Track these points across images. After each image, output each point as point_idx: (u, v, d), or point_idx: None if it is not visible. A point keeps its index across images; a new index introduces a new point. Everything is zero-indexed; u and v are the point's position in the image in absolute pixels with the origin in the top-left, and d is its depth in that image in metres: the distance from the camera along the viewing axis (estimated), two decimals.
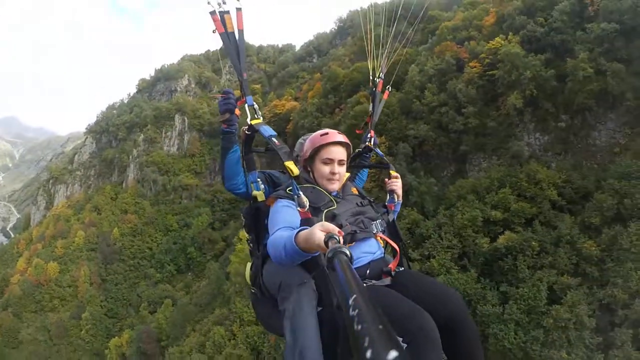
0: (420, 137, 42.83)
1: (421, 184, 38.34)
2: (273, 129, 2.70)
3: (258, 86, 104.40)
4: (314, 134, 2.92)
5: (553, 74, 36.52)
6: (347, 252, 1.40)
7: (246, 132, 2.86)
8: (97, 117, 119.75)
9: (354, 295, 0.96)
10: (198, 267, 71.76)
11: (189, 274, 72.61)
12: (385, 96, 4.30)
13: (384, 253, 2.80)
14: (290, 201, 2.52)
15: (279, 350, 32.13)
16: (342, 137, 2.80)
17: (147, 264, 77.89)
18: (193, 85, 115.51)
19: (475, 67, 42.89)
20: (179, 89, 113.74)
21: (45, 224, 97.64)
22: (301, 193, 2.36)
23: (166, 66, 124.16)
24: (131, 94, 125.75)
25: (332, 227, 1.83)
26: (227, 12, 2.89)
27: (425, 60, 49.00)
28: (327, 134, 2.82)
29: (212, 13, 2.88)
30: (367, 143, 3.87)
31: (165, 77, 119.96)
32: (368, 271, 2.60)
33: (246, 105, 2.89)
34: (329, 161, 2.76)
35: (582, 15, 38.92)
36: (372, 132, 3.94)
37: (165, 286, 69.60)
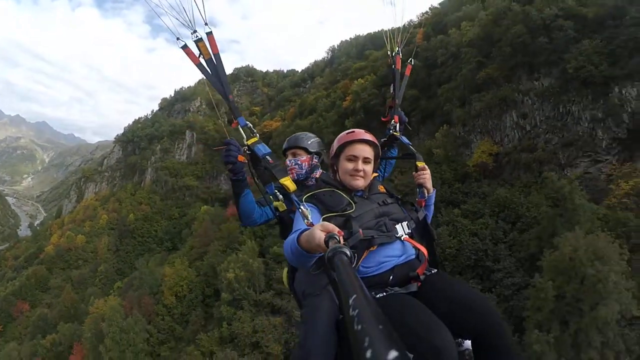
0: None
1: None
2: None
3: (258, 108, 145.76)
4: (341, 133, 3.16)
5: (377, 102, 67.59)
6: (348, 252, 1.60)
7: (247, 152, 3.27)
8: (125, 129, 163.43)
9: (354, 295, 1.06)
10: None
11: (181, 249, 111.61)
12: (407, 72, 4.54)
13: (416, 255, 2.87)
14: (311, 205, 2.85)
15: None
16: (368, 136, 3.06)
17: (151, 241, 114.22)
18: (204, 107, 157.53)
19: (346, 100, 79.97)
20: (192, 109, 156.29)
21: (76, 212, 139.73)
22: (302, 207, 2.67)
23: (184, 88, 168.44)
24: (154, 111, 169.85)
25: (332, 227, 2.03)
26: (200, 39, 3.20)
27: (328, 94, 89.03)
28: (353, 132, 3.10)
29: (184, 47, 3.21)
30: (391, 131, 4.04)
31: (182, 98, 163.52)
32: (391, 277, 2.72)
33: (240, 127, 3.28)
34: (354, 158, 3.00)
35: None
36: (397, 117, 4.11)
37: (161, 254, 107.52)
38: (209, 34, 3.20)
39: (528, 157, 46.29)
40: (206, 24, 3.14)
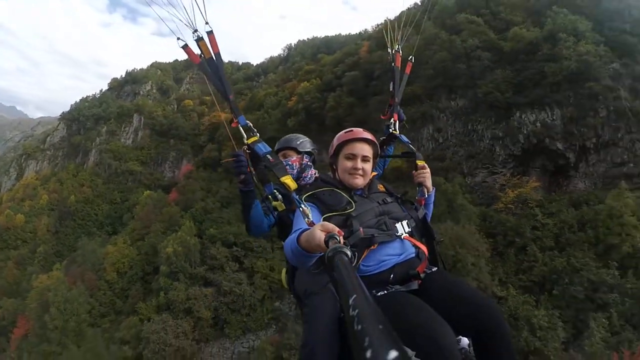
0: None
1: None
2: (268, 145, 3.45)
3: (209, 98, 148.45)
4: (340, 132, 3.33)
5: (318, 105, 75.55)
6: (348, 252, 1.67)
7: (247, 151, 3.50)
8: (71, 106, 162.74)
9: (354, 295, 1.09)
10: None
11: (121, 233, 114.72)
12: (407, 70, 4.70)
13: (416, 253, 3.01)
14: (311, 204, 2.98)
15: None
16: (366, 135, 3.21)
17: (92, 225, 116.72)
18: (154, 91, 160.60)
19: (291, 100, 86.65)
20: (142, 93, 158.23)
21: (15, 190, 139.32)
22: (303, 206, 2.81)
23: (136, 70, 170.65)
24: (103, 90, 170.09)
25: (332, 227, 2.11)
26: (201, 38, 3.37)
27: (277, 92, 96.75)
28: (351, 131, 3.26)
29: (185, 47, 3.41)
30: (390, 130, 4.27)
31: (133, 80, 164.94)
32: (392, 275, 2.84)
33: (240, 126, 3.51)
34: (352, 157, 3.15)
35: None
36: (396, 115, 4.32)
37: (102, 237, 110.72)
38: (210, 33, 3.41)
39: (438, 165, 54.55)
40: (207, 22, 3.33)
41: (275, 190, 3.66)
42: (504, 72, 54.35)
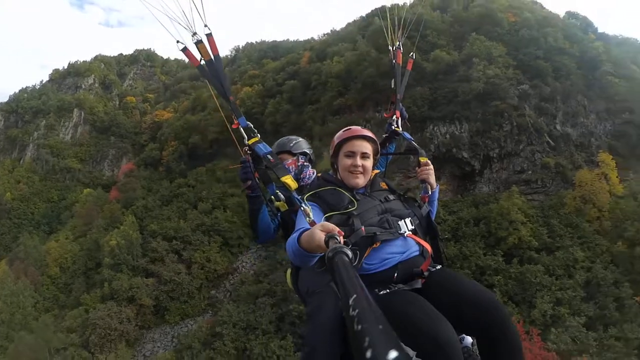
0: None
1: None
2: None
3: (152, 95, 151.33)
4: (340, 131, 3.45)
5: (258, 110, 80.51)
6: (348, 252, 1.72)
7: (248, 152, 3.64)
8: (10, 97, 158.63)
9: (354, 295, 1.13)
10: None
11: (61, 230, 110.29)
12: (409, 66, 4.81)
13: (420, 251, 3.07)
14: (312, 203, 3.04)
15: None
16: (365, 132, 3.33)
17: (28, 224, 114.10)
18: (97, 85, 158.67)
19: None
20: (83, 86, 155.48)
21: None
22: (304, 205, 2.85)
23: (79, 62, 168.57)
24: (43, 81, 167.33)
25: (332, 227, 2.18)
26: (200, 41, 3.46)
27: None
28: (350, 129, 3.38)
29: (184, 50, 3.50)
30: (393, 127, 4.40)
31: (75, 72, 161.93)
32: (396, 274, 2.92)
33: (240, 128, 3.66)
34: (352, 154, 3.24)
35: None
36: (398, 112, 4.46)
37: (39, 237, 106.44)
38: (209, 36, 3.49)
39: None
40: (206, 25, 3.41)
41: (277, 191, 3.80)
42: (423, 89, 63.03)
